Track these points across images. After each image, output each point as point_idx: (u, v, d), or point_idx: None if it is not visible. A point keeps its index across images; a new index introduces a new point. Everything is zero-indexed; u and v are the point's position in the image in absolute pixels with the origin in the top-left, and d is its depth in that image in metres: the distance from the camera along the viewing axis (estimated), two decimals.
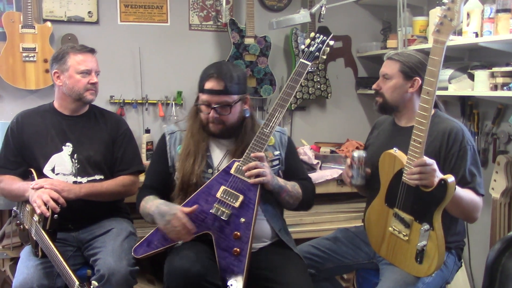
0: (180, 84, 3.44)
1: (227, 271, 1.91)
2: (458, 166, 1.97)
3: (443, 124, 2.04)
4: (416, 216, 1.84)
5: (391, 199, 1.94)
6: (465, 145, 1.99)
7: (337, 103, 3.78)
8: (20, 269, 2.10)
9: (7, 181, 2.29)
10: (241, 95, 2.08)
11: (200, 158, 2.07)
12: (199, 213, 1.97)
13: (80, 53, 2.31)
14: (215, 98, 2.02)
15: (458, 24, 1.67)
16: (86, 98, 2.32)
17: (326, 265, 2.24)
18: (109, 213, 2.39)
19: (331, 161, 3.23)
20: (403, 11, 3.05)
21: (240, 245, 1.92)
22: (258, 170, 1.93)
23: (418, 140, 1.78)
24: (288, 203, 2.11)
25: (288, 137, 2.24)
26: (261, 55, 3.41)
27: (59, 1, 3.20)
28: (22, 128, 2.34)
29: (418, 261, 1.83)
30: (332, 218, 3.13)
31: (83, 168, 2.32)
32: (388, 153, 1.94)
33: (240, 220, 1.94)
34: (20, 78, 3.04)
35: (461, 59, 3.06)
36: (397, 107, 2.13)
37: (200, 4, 3.47)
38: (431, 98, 1.74)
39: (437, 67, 1.71)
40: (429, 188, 1.78)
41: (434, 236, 1.79)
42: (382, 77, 2.14)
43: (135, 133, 2.79)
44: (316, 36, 2.11)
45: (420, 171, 1.77)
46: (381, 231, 2.00)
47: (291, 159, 2.21)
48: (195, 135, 2.11)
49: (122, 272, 2.01)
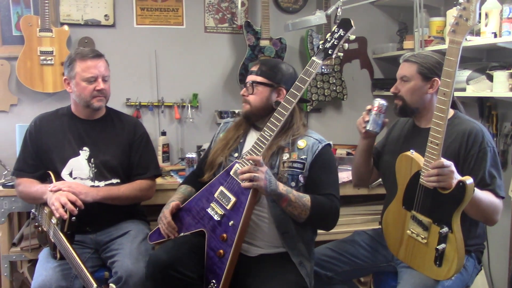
0: (195, 86, 3.46)
1: (211, 271, 1.93)
2: (477, 168, 1.94)
3: (462, 125, 2.01)
4: (434, 218, 1.82)
5: (408, 202, 1.92)
6: (484, 147, 1.95)
7: (353, 104, 3.76)
8: (39, 271, 2.12)
9: (26, 184, 2.31)
10: (270, 82, 2.10)
11: (232, 142, 2.16)
12: (200, 210, 2.04)
13: (85, 59, 2.27)
14: (249, 77, 2.16)
15: (474, 24, 1.65)
16: (94, 105, 2.31)
17: (343, 267, 2.22)
18: (126, 215, 2.40)
19: (347, 163, 3.20)
20: (419, 11, 3.02)
21: (224, 247, 1.91)
22: (249, 174, 1.86)
23: (435, 142, 1.76)
24: (293, 214, 1.97)
25: (323, 148, 2.08)
26: (276, 57, 3.40)
27: (76, 4, 3.23)
28: (40, 132, 2.36)
29: (437, 264, 1.81)
30: (349, 221, 3.11)
31: (100, 172, 2.33)
32: (405, 155, 1.92)
33: (229, 223, 1.92)
34: (38, 81, 3.07)
35: (480, 59, 3.02)
36: (418, 109, 2.09)
37: (215, 7, 3.48)
38: (447, 99, 1.72)
39: (453, 68, 1.69)
40: (447, 190, 1.76)
41: (453, 239, 1.76)
42: (400, 79, 2.11)
43: (151, 135, 2.79)
44: (334, 30, 2.00)
45: (438, 173, 1.75)
46: (399, 234, 1.97)
47: (316, 169, 2.06)
48: (239, 122, 2.22)
49: (140, 274, 2.02)
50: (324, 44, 2.00)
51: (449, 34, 1.69)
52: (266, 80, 2.11)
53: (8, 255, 2.72)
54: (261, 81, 2.11)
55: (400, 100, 2.11)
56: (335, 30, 1.99)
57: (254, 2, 3.53)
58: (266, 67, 2.13)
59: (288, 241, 2.05)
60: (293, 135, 2.08)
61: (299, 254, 2.05)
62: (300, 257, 2.04)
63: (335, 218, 2.07)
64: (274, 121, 1.97)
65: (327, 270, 2.19)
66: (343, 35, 1.98)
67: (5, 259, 2.72)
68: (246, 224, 1.93)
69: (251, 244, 2.07)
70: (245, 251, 2.05)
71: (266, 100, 2.10)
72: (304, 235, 2.09)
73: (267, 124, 1.98)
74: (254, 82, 2.11)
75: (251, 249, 2.07)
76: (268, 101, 2.10)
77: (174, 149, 3.47)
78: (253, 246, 2.07)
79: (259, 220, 2.05)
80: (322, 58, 1.99)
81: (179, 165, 3.30)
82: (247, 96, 2.13)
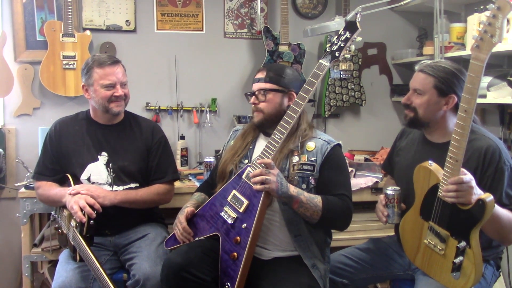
0: (214, 91, 3.48)
1: (225, 274, 1.94)
2: (494, 188, 1.88)
3: (479, 142, 1.94)
4: (452, 232, 1.79)
5: (426, 212, 1.90)
6: (501, 166, 1.89)
7: (371, 110, 3.75)
8: (59, 272, 2.15)
9: (45, 187, 2.35)
10: (281, 88, 2.11)
11: (242, 150, 2.17)
12: (214, 214, 2.06)
13: (103, 66, 2.29)
14: (256, 85, 2.15)
15: (499, 41, 1.57)
16: (113, 110, 2.33)
17: (358, 275, 2.21)
18: (144, 218, 2.43)
19: (365, 169, 3.19)
20: (439, 17, 2.99)
21: (238, 250, 1.92)
22: (261, 177, 1.89)
23: (454, 158, 1.71)
24: (305, 215, 1.98)
25: (333, 148, 2.10)
26: (295, 63, 3.42)
27: (98, 10, 3.29)
28: (60, 136, 2.39)
29: (455, 276, 1.79)
30: (365, 227, 3.10)
31: (118, 177, 2.35)
32: (423, 166, 1.90)
33: (242, 226, 1.94)
34: (60, 85, 3.13)
35: (500, 66, 2.98)
36: (429, 123, 2.03)
37: (235, 12, 3.51)
38: (469, 117, 1.66)
39: (476, 85, 1.63)
40: (466, 206, 1.73)
41: (471, 254, 1.74)
42: (413, 90, 2.04)
43: (170, 139, 2.82)
44: (341, 33, 2.01)
45: (457, 189, 1.71)
46: (416, 242, 1.96)
47: (327, 170, 2.07)
48: (247, 130, 2.23)
49: (157, 277, 2.02)
50: (331, 47, 2.01)
51: (472, 49, 1.62)
52: (276, 86, 2.11)
53: (29, 255, 2.77)
54: (271, 87, 2.11)
55: (411, 112, 2.05)
56: (341, 32, 2.01)
57: (273, 8, 3.55)
58: (273, 73, 2.13)
59: (301, 243, 2.06)
60: (302, 137, 2.09)
61: (312, 257, 2.05)
62: (313, 259, 2.05)
63: (348, 218, 2.07)
64: (284, 124, 1.98)
65: (343, 277, 2.18)
66: (349, 37, 1.99)
67: (26, 259, 2.77)
68: (259, 226, 1.94)
69: (263, 248, 2.08)
70: (259, 254, 2.07)
71: (279, 106, 2.11)
72: (317, 238, 2.10)
73: (277, 128, 1.99)
74: (265, 90, 2.11)
75: (264, 252, 2.08)
76: (281, 107, 2.11)
77: (193, 153, 3.50)
78: (266, 249, 2.08)
79: (270, 224, 2.06)
80: (329, 61, 2.00)
81: (197, 169, 3.32)
82: (259, 104, 2.13)
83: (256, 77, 2.17)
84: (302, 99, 1.99)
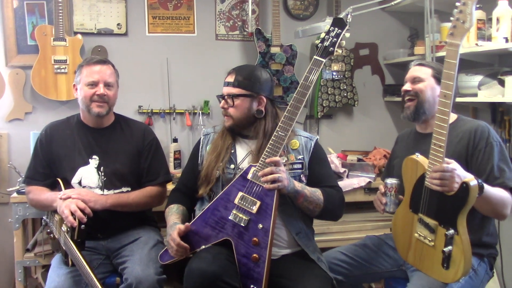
0: (207, 93, 3.47)
1: (248, 277, 1.91)
2: (485, 162, 1.97)
3: (468, 124, 2.07)
4: (440, 220, 1.83)
5: (415, 205, 1.93)
6: (491, 141, 1.99)
7: (364, 110, 3.76)
8: (51, 276, 2.14)
9: (36, 192, 2.34)
10: (249, 92, 2.12)
11: (224, 154, 2.16)
12: (219, 219, 2.00)
13: (90, 65, 2.30)
14: (226, 89, 2.16)
15: (470, 26, 1.66)
16: (93, 110, 2.29)
17: (354, 272, 2.22)
18: (137, 222, 2.41)
19: (358, 170, 3.19)
20: (430, 17, 3.01)
21: (258, 251, 1.91)
22: (273, 175, 1.90)
23: (438, 144, 1.77)
24: (308, 209, 2.05)
25: (315, 144, 2.19)
26: (287, 64, 3.42)
27: (89, 14, 3.28)
28: (51, 140, 2.38)
29: (445, 267, 1.81)
30: (359, 227, 3.10)
31: (109, 181, 2.34)
32: (410, 158, 1.94)
33: (258, 226, 1.93)
34: (52, 89, 3.12)
35: (491, 65, 3.00)
36: (428, 109, 2.11)
37: (226, 15, 3.51)
38: (449, 101, 1.74)
39: (453, 70, 1.72)
40: (451, 192, 1.77)
41: (459, 241, 1.76)
42: (411, 81, 2.14)
43: (163, 142, 2.82)
44: (330, 29, 2.04)
45: (440, 177, 1.76)
46: (408, 237, 1.98)
47: (316, 165, 2.16)
48: (223, 135, 2.22)
49: (150, 281, 2.02)
50: (323, 43, 2.03)
51: (447, 37, 1.72)
52: (245, 91, 2.12)
53: (22, 260, 2.77)
54: (239, 93, 2.12)
55: (414, 98, 2.12)
56: (330, 29, 2.04)
57: (264, 10, 3.55)
58: (242, 77, 2.12)
59: (303, 240, 2.10)
60: None
61: (315, 251, 2.12)
62: (316, 253, 2.11)
63: (343, 207, 2.18)
64: (287, 121, 1.98)
65: (338, 273, 2.18)
66: (340, 33, 2.03)
67: (19, 264, 2.76)
68: (274, 225, 1.95)
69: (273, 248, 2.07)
70: None
71: (247, 111, 2.13)
72: (312, 233, 2.20)
73: (280, 125, 1.99)
74: (233, 95, 2.12)
75: (273, 251, 2.06)
76: (250, 112, 2.12)
77: (186, 156, 3.48)
78: (275, 248, 2.08)
79: None
80: (324, 56, 2.02)
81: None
82: (228, 109, 2.14)
83: (226, 80, 2.17)
84: (303, 95, 1.99)
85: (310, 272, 2.00)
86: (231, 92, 2.13)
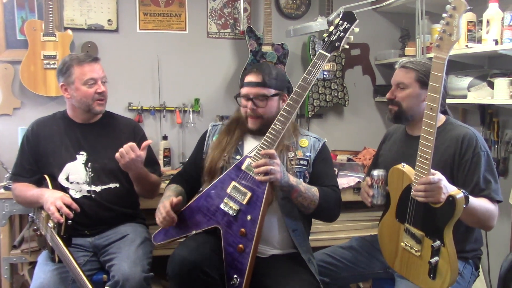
0: (197, 91, 3.47)
1: (232, 267, 1.92)
2: (471, 173, 1.94)
3: (456, 130, 2.02)
4: (426, 232, 1.82)
5: (401, 215, 1.92)
6: (478, 152, 1.95)
7: (354, 111, 3.76)
8: (38, 273, 2.12)
9: (21, 188, 2.32)
10: (279, 91, 2.12)
11: (230, 147, 2.15)
12: (211, 206, 2.00)
13: (83, 64, 2.28)
14: (253, 90, 2.09)
15: (457, 39, 1.63)
16: (95, 109, 2.32)
17: (341, 274, 2.22)
18: (125, 219, 2.40)
19: (348, 169, 3.20)
20: (421, 18, 3.02)
21: (245, 242, 1.90)
22: (266, 167, 1.88)
23: (424, 156, 1.75)
24: (302, 205, 2.03)
25: (323, 145, 2.20)
26: (278, 63, 3.42)
27: (80, 9, 3.26)
28: (38, 136, 2.36)
29: (431, 277, 1.80)
30: (348, 227, 3.11)
31: (97, 176, 2.33)
32: (396, 168, 1.92)
33: (247, 217, 1.92)
34: (41, 85, 3.09)
35: (481, 67, 3.02)
36: (412, 116, 2.08)
37: (218, 12, 3.50)
38: (435, 114, 1.71)
39: (439, 83, 1.68)
40: (437, 204, 1.75)
41: (446, 253, 1.76)
42: (396, 86, 2.10)
43: (153, 140, 2.81)
44: (339, 23, 1.97)
45: (426, 189, 1.75)
46: (394, 246, 1.97)
47: (319, 164, 2.16)
48: (232, 129, 2.21)
49: (137, 279, 2.02)
50: (330, 37, 1.97)
51: (433, 49, 1.69)
52: (276, 90, 2.11)
53: (8, 257, 2.75)
54: (271, 93, 2.10)
55: (395, 106, 2.10)
56: (339, 23, 1.97)
57: (256, 8, 3.54)
58: (270, 76, 2.10)
59: (297, 238, 2.10)
60: (295, 134, 2.15)
61: (307, 251, 2.11)
62: (308, 254, 2.10)
63: (339, 208, 2.17)
64: (285, 113, 1.96)
65: (324, 276, 2.18)
66: (349, 28, 1.96)
67: (5, 261, 2.74)
68: (264, 217, 1.93)
69: (261, 245, 2.06)
70: (258, 252, 2.04)
71: (277, 109, 2.11)
72: (308, 233, 2.20)
73: (278, 118, 1.97)
74: (265, 96, 2.08)
75: (261, 249, 2.08)
76: (278, 110, 2.08)
77: (175, 154, 3.48)
78: (265, 246, 2.09)
79: (268, 220, 2.04)
80: (330, 51, 1.97)
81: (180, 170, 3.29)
82: (257, 110, 2.09)
83: (250, 80, 2.11)
84: (304, 89, 1.96)
85: (296, 275, 1.98)
86: (261, 93, 2.08)
